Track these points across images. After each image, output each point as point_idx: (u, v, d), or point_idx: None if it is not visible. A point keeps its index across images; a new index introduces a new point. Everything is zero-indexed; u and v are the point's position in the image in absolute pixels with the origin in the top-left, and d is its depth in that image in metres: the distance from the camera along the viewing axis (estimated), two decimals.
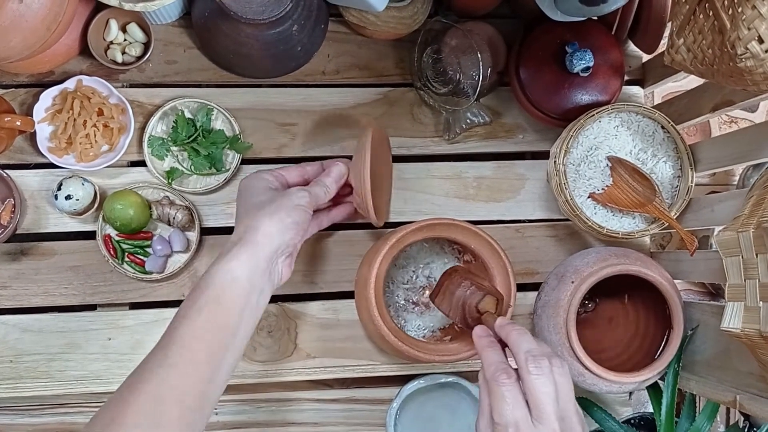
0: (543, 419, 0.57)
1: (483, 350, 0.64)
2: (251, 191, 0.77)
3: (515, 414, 0.57)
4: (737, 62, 0.62)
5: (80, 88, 0.88)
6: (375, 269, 0.77)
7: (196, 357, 0.63)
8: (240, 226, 0.73)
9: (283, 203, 0.73)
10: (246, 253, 0.69)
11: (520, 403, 0.57)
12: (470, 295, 0.73)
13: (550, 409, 0.57)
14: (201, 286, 0.68)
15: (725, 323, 0.73)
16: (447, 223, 0.80)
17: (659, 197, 0.90)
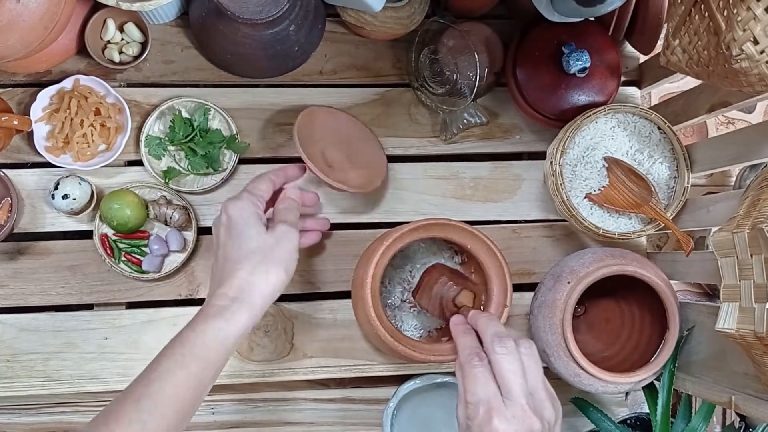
0: (511, 395, 0.60)
1: (458, 337, 0.67)
2: (242, 228, 0.72)
3: (486, 391, 0.60)
4: (732, 63, 0.62)
5: (77, 87, 0.88)
6: (371, 270, 0.77)
7: (167, 413, 0.63)
8: (235, 279, 0.69)
9: (279, 255, 0.71)
10: (243, 315, 0.68)
11: (490, 382, 0.61)
12: (447, 290, 0.76)
13: (517, 387, 0.60)
14: (191, 339, 0.66)
15: (720, 324, 0.73)
16: (443, 224, 0.81)
17: (655, 198, 0.90)
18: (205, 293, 0.93)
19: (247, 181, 0.93)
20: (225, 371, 0.91)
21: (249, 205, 0.74)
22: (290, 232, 0.73)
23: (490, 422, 0.59)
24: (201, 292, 0.93)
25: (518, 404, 0.60)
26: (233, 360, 0.92)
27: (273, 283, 0.70)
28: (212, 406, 0.98)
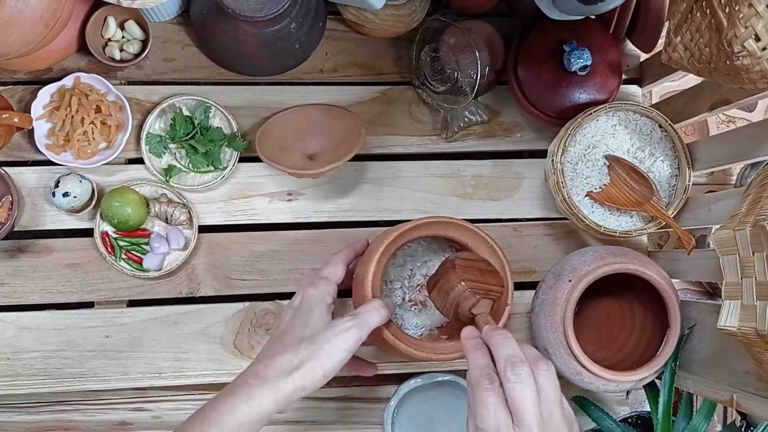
0: (523, 424, 0.56)
1: (469, 353, 0.62)
2: (306, 313, 0.70)
3: (497, 420, 0.56)
4: (734, 60, 0.62)
5: (78, 85, 0.88)
6: (372, 268, 0.76)
7: None
8: (274, 360, 0.66)
9: (324, 350, 0.66)
10: (267, 397, 0.65)
11: (501, 409, 0.57)
12: (464, 299, 0.70)
13: (530, 416, 0.56)
14: (211, 418, 0.64)
15: (722, 322, 0.73)
16: (445, 222, 0.80)
17: (657, 196, 0.90)
18: (205, 291, 0.93)
19: (247, 180, 0.94)
20: (226, 370, 0.91)
21: (322, 293, 0.71)
22: (350, 331, 0.67)
23: None
24: (202, 290, 0.93)
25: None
26: (234, 358, 0.92)
27: (306, 376, 0.65)
28: None
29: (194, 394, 0.98)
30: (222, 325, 0.92)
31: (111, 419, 0.97)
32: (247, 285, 0.94)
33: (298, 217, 0.95)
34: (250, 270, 0.94)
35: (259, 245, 0.94)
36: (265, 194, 0.95)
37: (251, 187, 0.95)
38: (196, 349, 0.92)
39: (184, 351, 0.92)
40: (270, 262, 0.94)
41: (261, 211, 0.95)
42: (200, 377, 0.92)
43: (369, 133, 0.97)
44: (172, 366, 0.91)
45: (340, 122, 0.94)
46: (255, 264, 0.94)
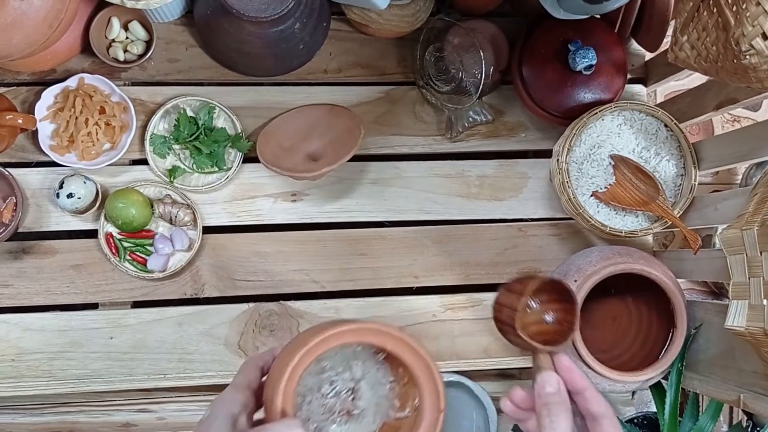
0: None
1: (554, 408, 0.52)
2: (211, 426, 0.54)
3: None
4: (741, 59, 0.62)
5: (82, 86, 0.88)
6: (281, 385, 0.60)
7: None
8: None
9: None
10: None
11: None
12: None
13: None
14: None
15: (729, 321, 0.73)
16: (375, 330, 0.59)
17: (662, 196, 0.89)
18: (210, 292, 0.93)
19: (251, 180, 0.94)
20: (230, 371, 0.91)
21: (227, 401, 0.57)
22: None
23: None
24: (206, 291, 0.93)
25: None
26: (238, 359, 0.92)
27: None
28: None
29: (199, 395, 0.98)
30: (226, 326, 0.92)
31: (115, 420, 0.97)
32: (251, 286, 0.94)
33: (303, 218, 0.95)
34: (254, 271, 0.94)
35: (263, 246, 0.94)
36: (269, 195, 0.95)
37: (255, 187, 0.94)
38: (200, 350, 0.92)
39: (189, 352, 0.92)
40: (274, 263, 0.94)
41: (265, 211, 0.95)
42: (205, 378, 0.92)
43: (373, 133, 0.97)
44: (177, 367, 0.91)
45: (342, 122, 0.93)
46: (259, 265, 0.94)
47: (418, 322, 0.95)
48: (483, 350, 0.96)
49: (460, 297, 0.97)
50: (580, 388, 0.53)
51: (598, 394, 0.53)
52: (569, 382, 0.54)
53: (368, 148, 0.97)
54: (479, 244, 0.98)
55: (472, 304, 0.97)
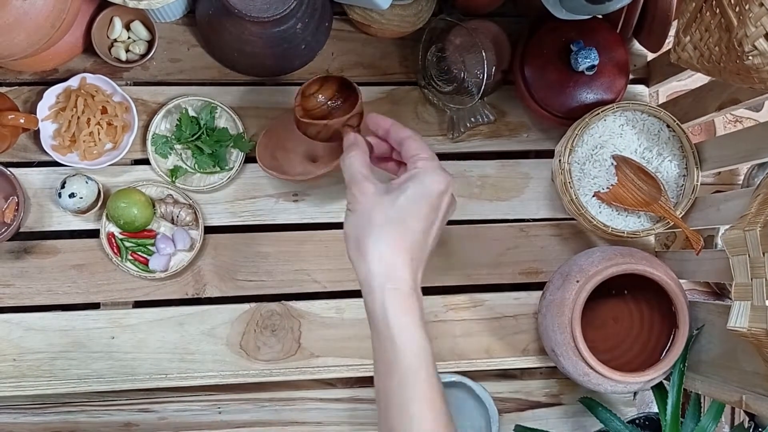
0: None
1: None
2: None
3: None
4: (744, 60, 0.62)
5: (84, 86, 0.88)
6: None
7: None
8: None
9: None
10: None
11: None
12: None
13: None
14: None
15: (732, 322, 0.72)
16: None
17: (664, 196, 0.89)
18: (211, 292, 0.93)
19: (253, 180, 0.94)
20: (231, 371, 0.91)
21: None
22: None
23: (443, 174, 0.62)
24: (207, 291, 0.93)
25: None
26: (240, 359, 0.92)
27: None
28: (219, 406, 0.98)
29: (200, 395, 0.98)
30: (228, 326, 0.92)
31: (117, 420, 0.97)
32: (253, 286, 0.94)
33: (304, 218, 0.95)
34: (256, 271, 0.94)
35: (265, 246, 0.94)
36: (271, 195, 0.95)
37: (257, 187, 0.94)
38: (202, 350, 0.92)
39: (190, 352, 0.92)
40: (276, 263, 0.94)
41: (267, 211, 0.95)
42: (206, 378, 0.92)
43: None
44: (178, 367, 0.91)
45: None
46: (261, 265, 0.94)
47: None
48: (484, 350, 0.96)
49: (461, 297, 0.97)
50: (386, 126, 0.67)
51: (401, 126, 0.67)
52: (375, 126, 0.68)
53: None
54: (481, 245, 0.98)
55: (474, 305, 0.97)
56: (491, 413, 0.95)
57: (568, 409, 1.01)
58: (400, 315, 0.57)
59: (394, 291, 0.58)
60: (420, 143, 0.65)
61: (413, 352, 0.57)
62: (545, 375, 1.01)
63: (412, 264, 0.59)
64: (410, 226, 0.59)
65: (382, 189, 0.62)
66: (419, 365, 0.57)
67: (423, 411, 0.56)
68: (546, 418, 1.01)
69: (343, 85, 0.82)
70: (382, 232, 0.59)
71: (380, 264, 0.59)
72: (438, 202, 0.61)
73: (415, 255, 0.60)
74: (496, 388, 0.99)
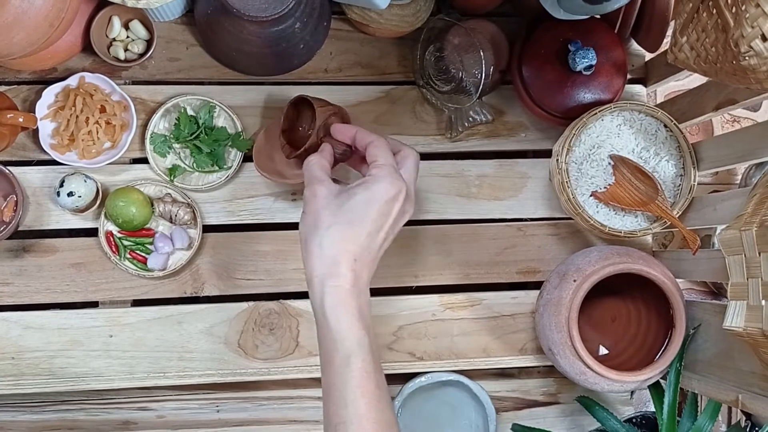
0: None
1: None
2: None
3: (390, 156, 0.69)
4: (740, 60, 0.62)
5: (83, 85, 0.88)
6: None
7: None
8: None
9: None
10: None
11: None
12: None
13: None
14: None
15: (728, 322, 0.73)
16: None
17: (662, 196, 0.90)
18: (210, 291, 0.93)
19: (252, 179, 0.94)
20: (230, 369, 0.91)
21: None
22: None
23: (397, 181, 0.66)
24: (206, 290, 0.93)
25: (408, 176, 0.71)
26: (238, 358, 0.92)
27: None
28: (217, 404, 0.98)
29: (198, 393, 0.98)
30: (226, 325, 0.93)
31: (115, 419, 0.97)
32: (251, 285, 0.94)
33: None
34: (254, 270, 0.94)
35: (263, 245, 0.94)
36: (269, 194, 0.95)
37: (255, 186, 0.95)
38: (200, 349, 0.92)
39: (189, 350, 0.92)
40: (274, 262, 0.94)
41: (265, 210, 0.95)
42: (204, 377, 0.92)
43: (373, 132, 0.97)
44: (177, 365, 0.92)
45: None
46: (259, 263, 0.94)
47: (417, 321, 0.96)
48: (482, 349, 0.97)
49: (459, 296, 0.97)
50: (350, 134, 0.73)
51: (366, 133, 0.72)
52: (342, 135, 0.75)
53: None
54: (479, 244, 0.98)
55: (472, 304, 0.97)
56: (489, 412, 0.95)
57: (566, 408, 1.02)
58: (338, 309, 0.62)
59: (333, 288, 0.62)
60: (380, 149, 0.68)
61: (350, 342, 0.61)
62: (542, 374, 1.02)
63: (355, 264, 0.63)
64: (355, 229, 0.64)
65: (333, 191, 0.67)
66: (355, 355, 0.61)
67: (356, 397, 0.61)
68: (543, 417, 1.01)
69: (308, 103, 0.82)
70: (327, 233, 0.64)
71: (321, 262, 0.63)
72: (387, 208, 0.65)
73: (360, 256, 0.64)
74: (493, 387, 0.99)
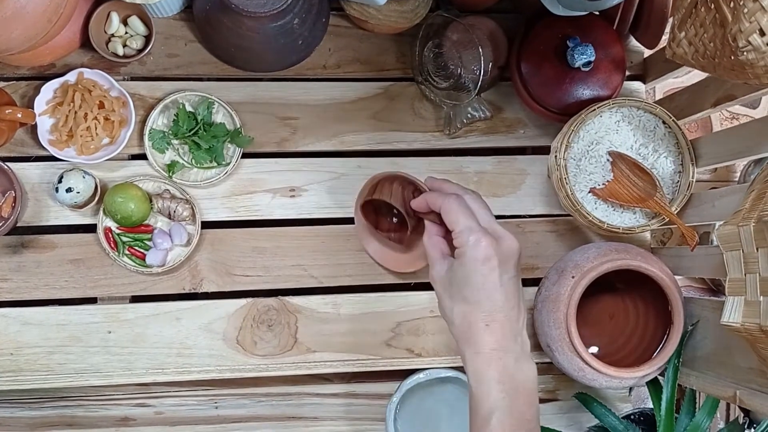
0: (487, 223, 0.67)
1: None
2: None
3: (469, 221, 0.66)
4: (738, 55, 0.62)
5: (81, 80, 0.88)
6: None
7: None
8: None
9: None
10: None
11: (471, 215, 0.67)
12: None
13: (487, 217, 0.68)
14: None
15: (725, 317, 0.73)
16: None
17: (660, 192, 0.90)
18: (208, 287, 0.93)
19: (250, 176, 0.94)
20: (228, 365, 0.91)
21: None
22: None
23: (481, 242, 0.64)
24: (204, 286, 0.93)
25: (496, 227, 0.67)
26: (237, 354, 0.92)
27: None
28: (215, 401, 0.98)
29: (197, 389, 0.98)
30: (224, 321, 0.93)
31: (114, 415, 0.97)
32: (249, 281, 0.94)
33: (301, 213, 0.95)
34: (252, 266, 0.94)
35: (261, 241, 0.94)
36: (267, 190, 0.95)
37: (254, 183, 0.95)
38: (198, 345, 0.92)
39: (187, 347, 0.92)
40: (273, 258, 0.94)
41: (264, 207, 0.95)
42: (203, 373, 0.92)
43: (371, 129, 0.97)
44: (175, 362, 0.92)
45: None
46: (258, 260, 0.94)
47: (415, 317, 0.96)
48: None
49: None
50: (424, 207, 0.71)
51: (434, 196, 0.69)
52: (420, 209, 0.72)
53: (366, 144, 0.97)
54: None
55: None
56: None
57: (564, 404, 1.02)
58: (478, 374, 0.64)
59: (473, 355, 0.64)
60: (452, 214, 0.67)
61: (488, 405, 0.63)
62: (541, 371, 1.01)
63: (488, 329, 0.64)
64: (471, 302, 0.65)
65: (443, 270, 0.68)
66: (494, 417, 0.63)
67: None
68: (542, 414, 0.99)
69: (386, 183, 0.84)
70: (453, 313, 0.66)
71: (461, 334, 0.66)
72: (487, 269, 0.64)
73: (490, 320, 0.64)
74: None
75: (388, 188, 0.84)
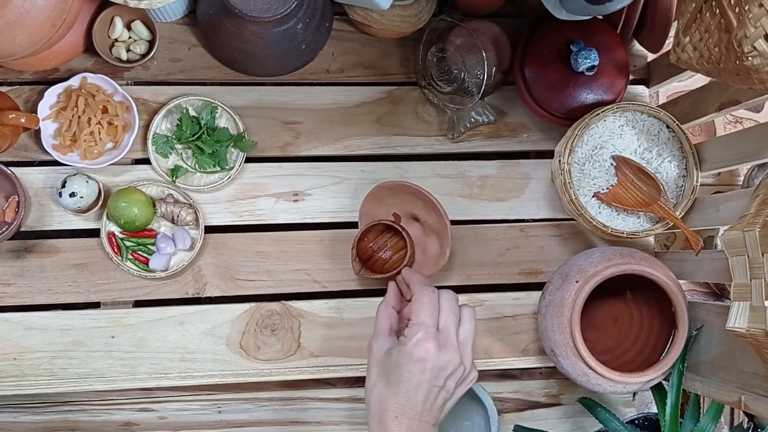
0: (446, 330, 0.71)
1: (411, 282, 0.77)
2: None
3: (431, 319, 0.70)
4: (744, 60, 0.62)
5: (85, 85, 0.88)
6: None
7: None
8: None
9: None
10: None
11: (435, 312, 0.71)
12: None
13: (452, 325, 0.71)
14: None
15: (731, 323, 0.72)
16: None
17: (664, 197, 0.89)
18: (211, 292, 0.93)
19: (253, 180, 0.94)
20: (231, 370, 0.91)
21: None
22: None
23: (425, 343, 0.68)
24: (208, 291, 0.93)
25: (450, 338, 0.70)
26: (240, 359, 0.92)
27: None
28: (219, 405, 0.98)
29: (200, 394, 0.98)
30: (228, 326, 0.92)
31: (117, 419, 0.97)
32: (253, 285, 0.94)
33: (305, 218, 0.95)
34: (256, 270, 0.94)
35: (265, 246, 0.94)
36: (271, 195, 0.95)
37: (257, 187, 0.95)
38: (202, 350, 0.92)
39: (190, 351, 0.92)
40: (276, 263, 0.94)
41: (267, 211, 0.95)
42: (206, 378, 0.92)
43: (375, 133, 0.97)
44: (178, 366, 0.92)
45: (432, 216, 0.91)
46: (261, 264, 0.94)
47: None
48: (484, 351, 0.96)
49: (461, 297, 0.96)
50: (407, 282, 0.77)
51: (418, 284, 0.74)
52: (406, 280, 0.78)
53: (370, 148, 0.97)
54: (481, 245, 0.98)
55: (474, 305, 0.96)
56: (491, 413, 0.95)
57: (568, 409, 1.02)
58: None
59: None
60: (419, 305, 0.71)
61: None
62: (545, 375, 1.02)
63: (396, 421, 0.67)
64: (392, 388, 0.68)
65: (383, 348, 0.72)
66: None
67: None
68: (545, 419, 1.01)
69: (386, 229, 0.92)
70: (372, 392, 0.70)
71: (372, 419, 0.69)
72: (418, 368, 0.68)
73: (401, 413, 0.67)
74: (495, 388, 0.99)
75: (373, 237, 0.92)
